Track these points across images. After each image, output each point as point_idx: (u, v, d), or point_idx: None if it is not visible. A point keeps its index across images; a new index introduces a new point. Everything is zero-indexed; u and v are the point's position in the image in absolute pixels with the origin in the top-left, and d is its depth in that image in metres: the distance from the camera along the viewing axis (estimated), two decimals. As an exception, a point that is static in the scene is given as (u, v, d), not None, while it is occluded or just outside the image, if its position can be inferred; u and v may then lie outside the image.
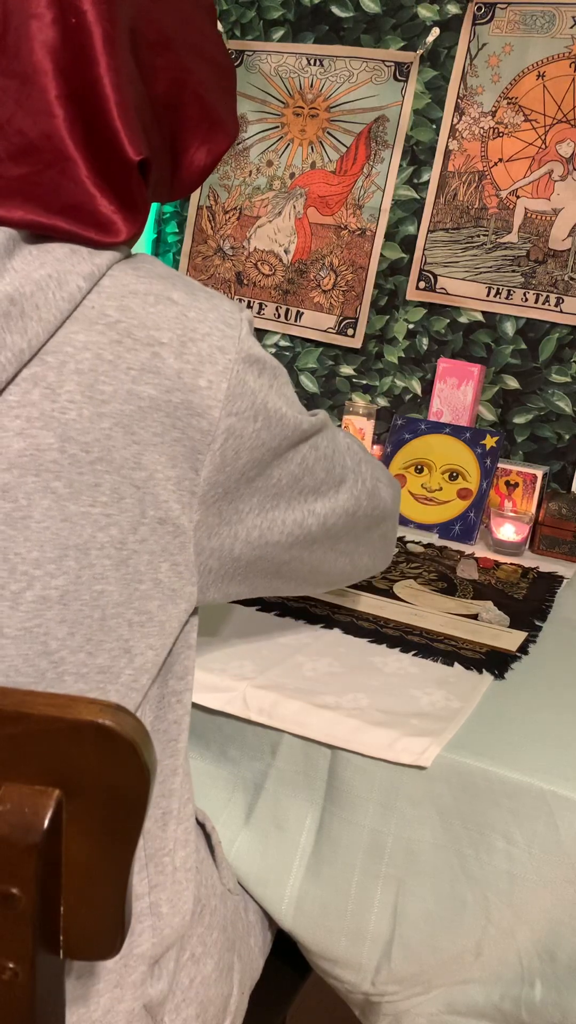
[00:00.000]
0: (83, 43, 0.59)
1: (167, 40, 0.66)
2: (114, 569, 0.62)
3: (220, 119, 0.71)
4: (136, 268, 0.64)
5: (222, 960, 0.78)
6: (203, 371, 0.62)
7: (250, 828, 0.88)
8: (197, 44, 0.69)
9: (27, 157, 0.60)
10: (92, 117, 0.61)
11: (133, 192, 0.63)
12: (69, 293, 0.59)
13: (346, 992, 0.87)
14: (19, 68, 0.59)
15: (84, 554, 0.60)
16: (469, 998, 0.81)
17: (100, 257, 0.61)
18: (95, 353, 0.60)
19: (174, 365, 0.61)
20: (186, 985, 0.74)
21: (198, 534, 0.66)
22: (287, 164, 1.97)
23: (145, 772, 0.50)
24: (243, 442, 0.65)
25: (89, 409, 0.59)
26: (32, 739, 0.50)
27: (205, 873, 0.79)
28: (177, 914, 0.72)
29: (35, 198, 0.60)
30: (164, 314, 0.62)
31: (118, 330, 0.60)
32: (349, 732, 0.84)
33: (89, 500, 0.60)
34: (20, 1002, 0.53)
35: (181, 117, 0.68)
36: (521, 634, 1.12)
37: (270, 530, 0.72)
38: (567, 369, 1.78)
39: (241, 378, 0.64)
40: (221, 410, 0.62)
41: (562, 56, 1.71)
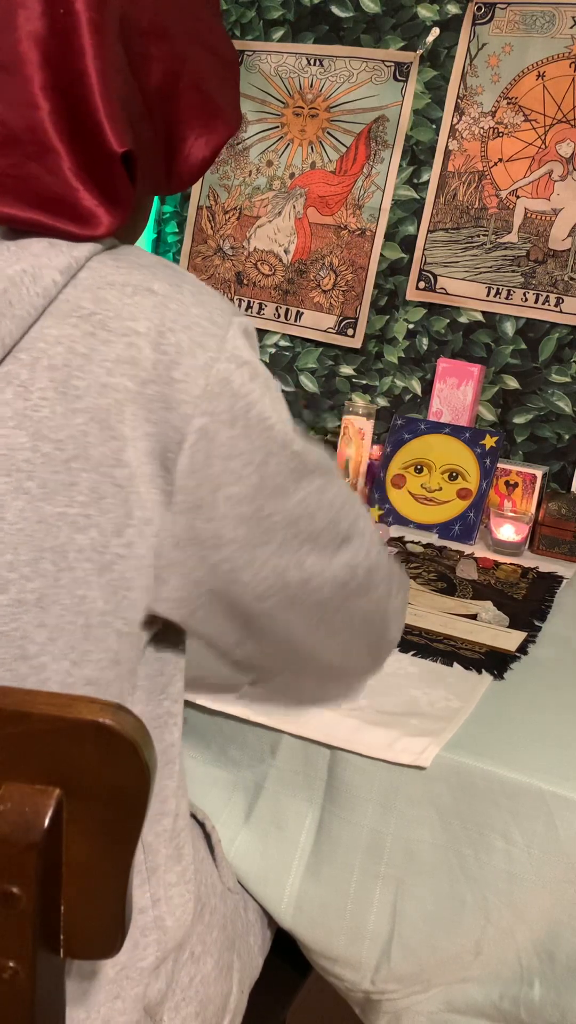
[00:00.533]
0: (70, 33, 0.58)
1: (162, 29, 0.63)
2: (96, 574, 0.59)
3: (219, 109, 0.68)
4: (117, 259, 0.61)
5: (221, 958, 0.78)
6: (180, 363, 0.58)
7: (250, 828, 0.88)
8: (195, 33, 0.66)
9: (9, 149, 0.59)
10: (77, 108, 0.59)
11: (116, 184, 0.61)
12: (44, 288, 0.57)
13: (346, 990, 0.87)
14: (3, 58, 0.58)
15: (62, 557, 0.58)
16: (468, 997, 0.81)
17: (79, 249, 0.59)
18: (68, 347, 0.57)
19: (151, 356, 0.58)
20: (185, 984, 0.74)
21: (162, 536, 0.61)
22: (287, 164, 1.97)
23: (145, 772, 0.50)
24: (214, 447, 0.60)
25: (62, 405, 0.57)
26: (32, 739, 0.50)
27: (205, 872, 0.79)
28: (181, 926, 0.72)
29: (14, 191, 0.59)
30: (142, 304, 0.59)
31: (92, 322, 0.58)
32: (348, 732, 0.84)
33: (65, 500, 0.58)
34: (20, 1002, 0.53)
35: (177, 108, 0.66)
36: (520, 634, 1.12)
37: (244, 568, 0.64)
38: (567, 369, 1.78)
39: (223, 377, 0.60)
40: (194, 407, 0.59)
41: (562, 56, 1.71)
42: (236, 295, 2.05)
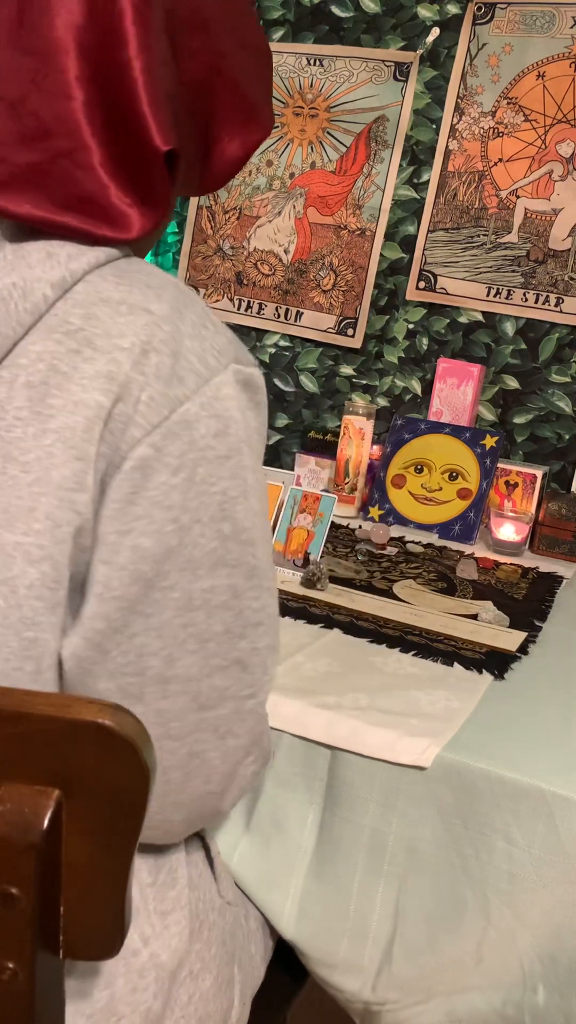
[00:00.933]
0: (112, 21, 0.54)
1: (204, 21, 0.60)
2: (48, 613, 0.54)
3: (256, 108, 0.65)
4: (121, 276, 0.57)
5: (221, 974, 0.76)
6: (151, 386, 0.54)
7: (251, 832, 0.88)
8: (234, 27, 0.63)
9: (39, 142, 0.55)
10: (116, 102, 0.55)
11: (155, 184, 0.57)
12: (33, 304, 0.53)
13: (346, 1001, 0.87)
14: (38, 44, 0.54)
15: (12, 591, 0.53)
16: (471, 1005, 0.81)
17: (77, 262, 0.55)
18: (49, 364, 0.53)
19: (128, 373, 0.53)
20: (184, 1001, 0.72)
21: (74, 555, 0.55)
22: (287, 164, 1.97)
23: (145, 772, 0.50)
24: (145, 487, 0.54)
25: (35, 426, 0.53)
26: (32, 739, 0.50)
27: (203, 888, 0.77)
28: (177, 953, 0.70)
29: (44, 188, 0.55)
30: (133, 323, 0.54)
31: (78, 339, 0.54)
32: (349, 732, 0.84)
33: (23, 528, 0.53)
34: (20, 1002, 0.53)
35: (214, 105, 0.62)
36: (521, 634, 1.12)
37: (113, 633, 0.56)
38: (567, 369, 1.78)
39: (188, 419, 0.54)
40: (144, 434, 0.53)
41: (562, 56, 1.71)
42: (236, 295, 2.05)
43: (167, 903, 0.71)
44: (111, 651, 0.57)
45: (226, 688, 0.61)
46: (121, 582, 0.55)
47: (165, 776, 0.62)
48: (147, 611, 0.56)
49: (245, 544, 0.59)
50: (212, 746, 0.62)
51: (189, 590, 0.57)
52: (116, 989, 0.66)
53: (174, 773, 0.62)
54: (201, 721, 0.61)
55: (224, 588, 0.58)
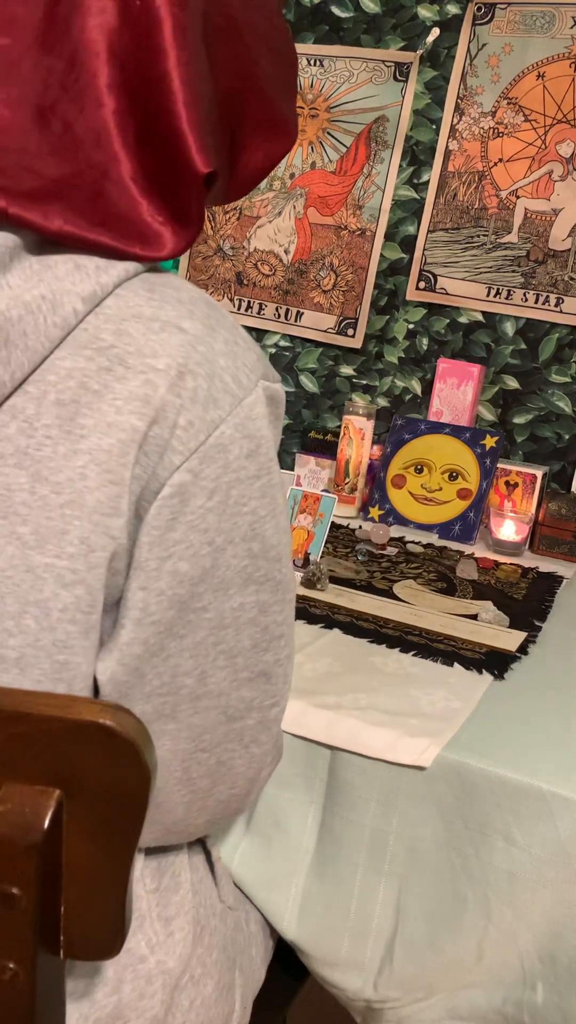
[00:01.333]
0: (149, 29, 0.51)
1: (236, 26, 0.57)
2: (81, 637, 0.53)
3: (283, 118, 0.62)
4: (152, 290, 0.55)
5: (222, 979, 0.76)
6: (190, 410, 0.53)
7: (252, 832, 0.88)
8: (264, 32, 0.60)
9: (69, 153, 0.52)
10: (151, 114, 0.53)
11: (190, 203, 0.55)
12: (63, 318, 0.51)
13: (347, 1000, 0.87)
14: (68, 46, 0.51)
15: (45, 614, 0.52)
16: (471, 1003, 0.81)
17: (107, 275, 0.53)
18: (79, 382, 0.52)
19: (164, 396, 0.52)
20: (185, 1007, 0.71)
21: (106, 580, 0.54)
22: (287, 164, 1.97)
23: (146, 772, 0.50)
24: (183, 512, 0.54)
25: (65, 445, 0.51)
26: (32, 739, 0.50)
27: (204, 894, 0.76)
28: (183, 959, 0.70)
29: (75, 204, 0.53)
30: (167, 342, 0.53)
31: (109, 356, 0.52)
32: (349, 732, 0.84)
33: (55, 550, 0.52)
34: (20, 1002, 0.53)
35: (243, 114, 0.59)
36: (521, 634, 1.12)
37: (150, 657, 0.56)
38: (567, 369, 1.78)
39: (223, 443, 0.54)
40: (183, 459, 0.53)
41: (562, 56, 1.71)
42: (236, 295, 2.05)
43: (171, 908, 0.71)
44: (147, 674, 0.57)
45: (252, 699, 0.62)
46: (160, 607, 0.55)
47: (194, 785, 0.63)
48: (181, 632, 0.56)
49: (273, 561, 0.59)
50: (239, 755, 0.63)
51: (221, 609, 0.57)
52: (123, 995, 0.66)
53: (202, 781, 0.63)
54: (229, 732, 0.62)
55: (252, 604, 0.59)
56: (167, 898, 0.71)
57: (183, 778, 0.62)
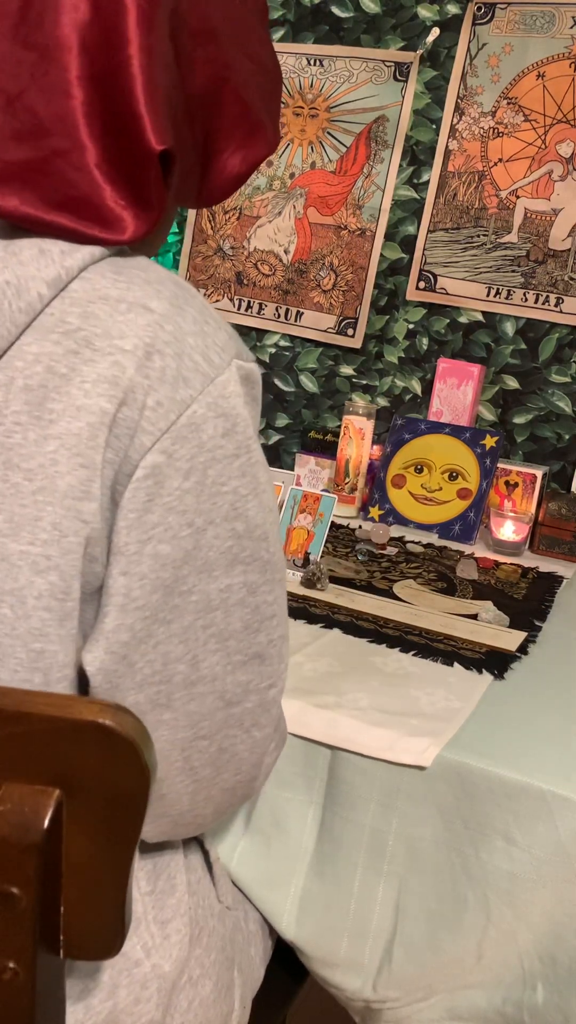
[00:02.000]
0: (116, 21, 0.53)
1: (212, 31, 0.59)
2: (56, 625, 0.53)
3: (260, 124, 0.63)
4: (119, 271, 0.55)
5: (221, 980, 0.76)
6: (158, 390, 0.53)
7: (251, 832, 0.88)
8: (243, 40, 0.62)
9: (34, 140, 0.54)
10: (114, 101, 0.54)
11: (148, 186, 0.56)
12: (28, 303, 0.52)
13: (346, 1000, 0.87)
14: (40, 40, 0.53)
15: (21, 602, 0.52)
16: (471, 1003, 0.81)
17: (71, 258, 0.54)
18: (47, 366, 0.52)
19: (132, 377, 0.52)
20: (184, 1008, 0.71)
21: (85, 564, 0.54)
22: (287, 164, 1.97)
23: (145, 772, 0.50)
24: (159, 494, 0.53)
25: (35, 431, 0.52)
26: (32, 739, 0.50)
27: (202, 894, 0.76)
28: (179, 962, 0.70)
29: (35, 187, 0.54)
30: (134, 322, 0.53)
31: (76, 339, 0.52)
32: (349, 732, 0.84)
33: (29, 538, 0.52)
34: (20, 1002, 0.53)
35: (218, 116, 0.61)
36: (521, 634, 1.12)
37: (137, 645, 0.56)
38: (567, 369, 1.78)
39: (196, 422, 0.54)
40: (154, 440, 0.52)
41: (562, 56, 1.71)
42: (236, 295, 2.05)
43: (167, 911, 0.71)
44: (137, 662, 0.56)
45: (249, 682, 0.61)
46: (143, 591, 0.55)
47: (196, 775, 0.62)
48: (168, 618, 0.56)
49: (259, 540, 0.59)
50: (240, 740, 0.63)
51: (207, 591, 0.57)
52: (118, 1000, 0.66)
53: (205, 770, 0.62)
54: (229, 717, 0.61)
55: (240, 585, 0.58)
56: (163, 901, 0.71)
57: (185, 768, 0.62)
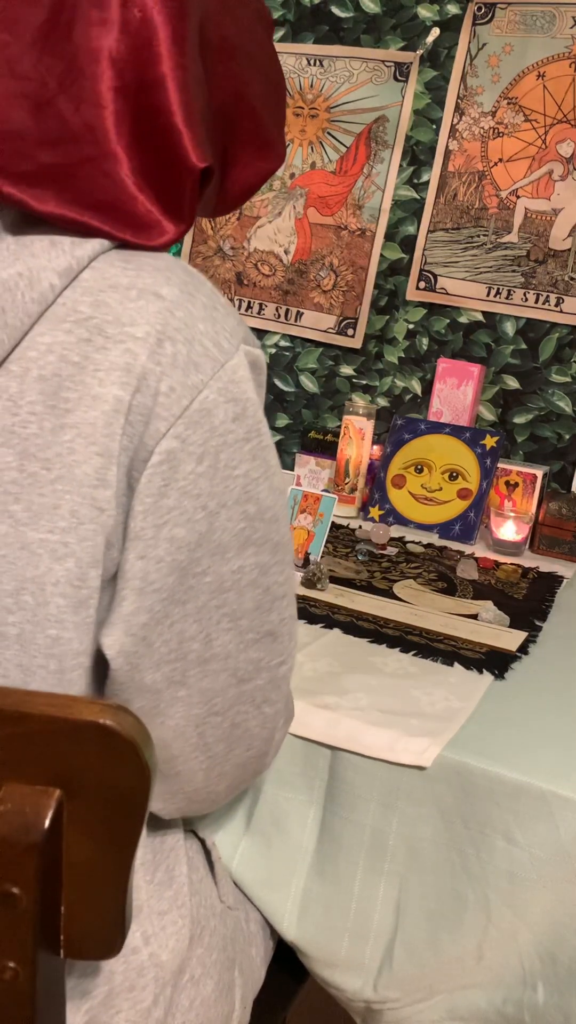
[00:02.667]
0: (148, 38, 0.55)
1: (231, 48, 0.61)
2: (71, 612, 0.54)
3: (271, 139, 0.66)
4: (127, 260, 0.56)
5: (222, 979, 0.76)
6: (170, 375, 0.54)
7: (252, 832, 0.88)
8: (256, 57, 0.64)
9: (64, 146, 0.55)
10: (149, 116, 0.56)
11: (183, 199, 0.58)
12: (40, 293, 0.53)
13: (347, 1001, 0.87)
14: (67, 51, 0.55)
15: (40, 589, 0.53)
16: (471, 1003, 0.81)
17: (82, 249, 0.55)
18: (60, 355, 0.53)
19: (145, 364, 0.53)
20: (185, 1007, 0.72)
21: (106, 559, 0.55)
22: (287, 164, 1.97)
23: (146, 772, 0.50)
24: (174, 478, 0.54)
25: (51, 420, 0.53)
26: (33, 739, 0.50)
27: (204, 894, 0.77)
28: (177, 955, 0.70)
29: (69, 189, 0.55)
30: (145, 309, 0.54)
31: (88, 327, 0.53)
32: (349, 732, 0.84)
33: (48, 526, 0.53)
34: (20, 1002, 0.53)
35: (235, 131, 0.63)
36: (521, 634, 1.12)
37: (156, 624, 0.57)
38: (567, 369, 1.78)
39: (207, 407, 0.55)
40: (169, 426, 0.54)
41: (562, 56, 1.71)
42: (236, 295, 2.05)
43: (164, 903, 0.71)
44: (155, 642, 0.58)
45: (260, 660, 0.62)
46: (160, 574, 0.56)
47: (210, 751, 0.64)
48: (183, 598, 0.57)
49: (270, 522, 0.60)
50: (252, 716, 0.64)
51: (221, 573, 0.58)
52: (114, 984, 0.67)
53: (219, 746, 0.64)
54: (241, 694, 0.63)
55: (252, 567, 0.59)
56: (160, 892, 0.71)
57: (199, 744, 0.63)
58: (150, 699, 0.60)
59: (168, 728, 0.62)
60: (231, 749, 0.65)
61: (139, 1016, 0.67)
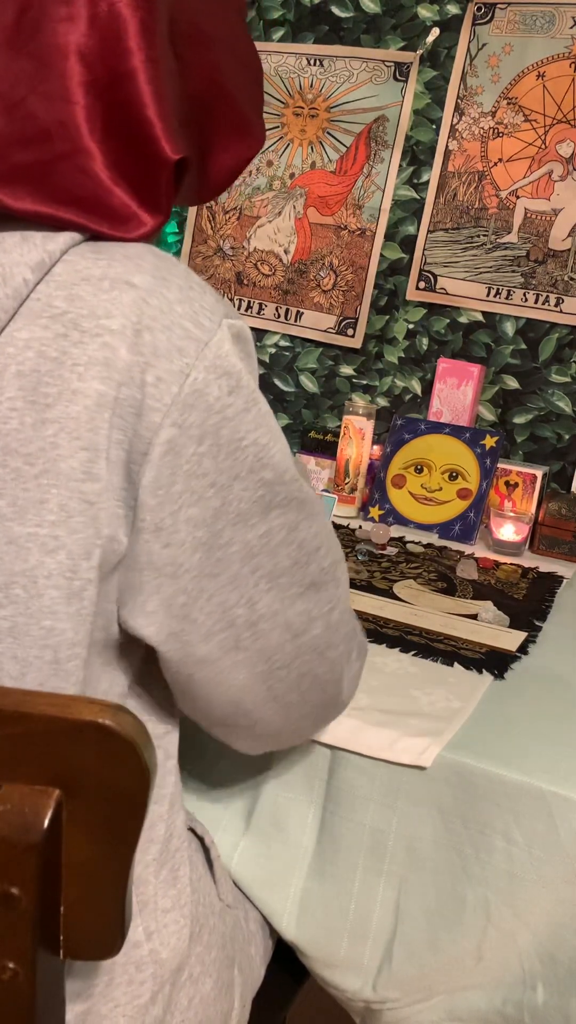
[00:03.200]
0: (116, 31, 0.55)
1: (203, 35, 0.61)
2: (64, 603, 0.55)
3: (250, 122, 0.66)
4: (98, 251, 0.56)
5: (221, 978, 0.76)
6: (155, 365, 0.54)
7: (252, 832, 0.88)
8: (231, 42, 0.64)
9: (37, 144, 0.55)
10: (121, 110, 0.56)
11: (159, 190, 0.58)
12: (14, 288, 0.53)
13: (346, 1001, 0.87)
14: (36, 49, 0.55)
15: (32, 582, 0.54)
16: (471, 1004, 0.81)
17: (54, 242, 0.55)
18: (38, 351, 0.53)
19: (125, 357, 0.54)
20: (184, 1005, 0.72)
21: (124, 558, 0.57)
22: (287, 164, 1.97)
23: (145, 772, 0.50)
24: (180, 463, 0.55)
25: (32, 415, 0.53)
26: (32, 739, 0.50)
27: (203, 892, 0.77)
28: (177, 954, 0.71)
29: (45, 186, 0.55)
30: (119, 300, 0.54)
31: (64, 322, 0.54)
32: (349, 732, 0.84)
33: (35, 520, 0.54)
34: (20, 1002, 0.53)
35: (212, 117, 0.63)
36: (521, 634, 1.12)
37: (195, 601, 0.59)
38: (567, 369, 1.78)
39: (198, 388, 0.55)
40: (164, 416, 0.54)
41: (562, 56, 1.71)
42: (236, 295, 2.05)
43: (167, 900, 0.72)
44: (197, 617, 0.59)
45: (310, 611, 0.64)
46: (186, 555, 0.57)
47: (282, 700, 0.67)
48: (215, 571, 0.59)
49: (290, 483, 0.61)
50: (317, 663, 0.66)
51: (246, 540, 0.59)
52: (114, 976, 0.67)
53: (291, 696, 0.67)
54: (300, 646, 0.65)
55: (279, 528, 0.60)
56: (165, 890, 0.72)
57: (269, 696, 0.66)
58: (210, 668, 0.62)
59: (236, 689, 0.64)
60: (305, 696, 0.68)
61: (135, 1011, 0.68)
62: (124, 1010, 0.67)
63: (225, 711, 0.67)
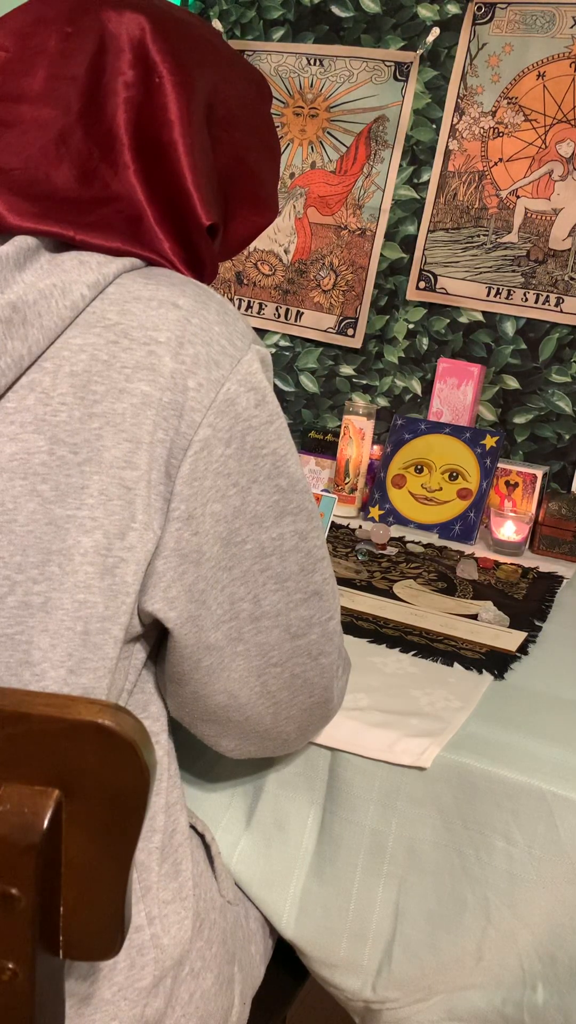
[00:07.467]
0: (161, 104, 0.65)
1: (234, 119, 0.72)
2: (98, 578, 0.60)
3: (266, 198, 0.77)
4: (148, 277, 0.64)
5: (222, 973, 0.77)
6: (196, 373, 0.61)
7: (252, 831, 0.88)
8: (256, 127, 0.75)
9: (110, 203, 0.65)
10: (163, 178, 0.66)
11: (200, 250, 0.69)
12: (72, 301, 0.60)
13: (346, 1000, 0.87)
14: (105, 123, 0.65)
15: (68, 560, 0.59)
16: (470, 1004, 0.81)
17: (108, 267, 0.62)
18: (91, 355, 0.60)
19: (169, 364, 0.60)
20: (185, 1000, 0.73)
21: (156, 544, 0.62)
22: (287, 164, 1.97)
23: (145, 772, 0.50)
24: (210, 462, 0.61)
25: (80, 410, 0.59)
26: (32, 739, 0.50)
27: (204, 887, 0.78)
28: (178, 944, 0.72)
29: (123, 236, 0.65)
30: (165, 316, 0.62)
31: (115, 331, 0.60)
32: (349, 733, 0.84)
33: (76, 503, 0.59)
34: (20, 1002, 0.53)
35: (235, 190, 0.73)
36: (521, 634, 1.12)
37: (210, 589, 0.64)
38: (567, 369, 1.78)
39: (230, 397, 0.62)
40: (202, 416, 0.61)
41: (562, 56, 1.71)
42: (236, 295, 2.05)
43: (169, 892, 0.72)
44: (211, 604, 0.65)
45: (311, 616, 0.70)
46: (208, 545, 0.63)
47: (274, 698, 0.72)
48: (229, 564, 0.65)
49: (302, 492, 0.67)
50: (310, 667, 0.72)
51: (260, 540, 0.65)
52: (117, 959, 0.68)
53: (282, 693, 0.72)
54: (296, 648, 0.70)
55: (291, 534, 0.67)
56: (167, 883, 0.72)
57: (262, 691, 0.71)
58: (216, 656, 0.67)
59: (234, 680, 0.69)
60: (294, 696, 0.73)
61: (136, 995, 0.69)
62: (126, 993, 0.68)
63: (221, 701, 0.71)
